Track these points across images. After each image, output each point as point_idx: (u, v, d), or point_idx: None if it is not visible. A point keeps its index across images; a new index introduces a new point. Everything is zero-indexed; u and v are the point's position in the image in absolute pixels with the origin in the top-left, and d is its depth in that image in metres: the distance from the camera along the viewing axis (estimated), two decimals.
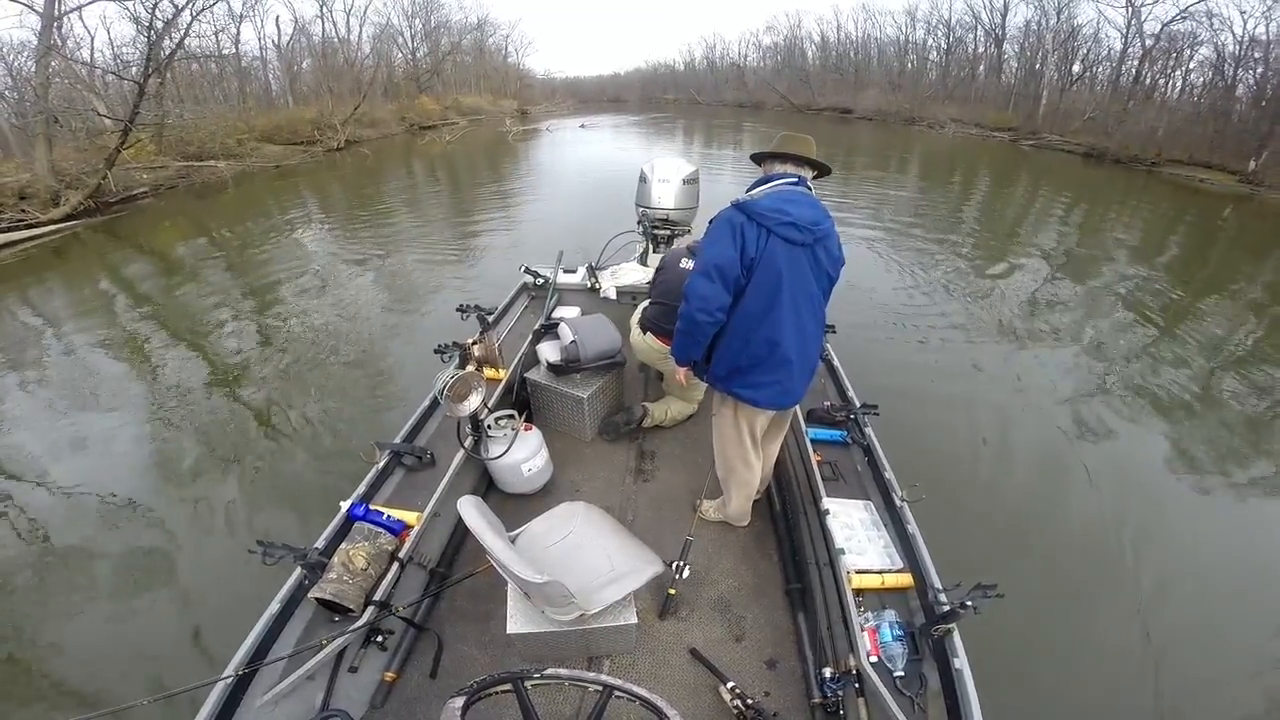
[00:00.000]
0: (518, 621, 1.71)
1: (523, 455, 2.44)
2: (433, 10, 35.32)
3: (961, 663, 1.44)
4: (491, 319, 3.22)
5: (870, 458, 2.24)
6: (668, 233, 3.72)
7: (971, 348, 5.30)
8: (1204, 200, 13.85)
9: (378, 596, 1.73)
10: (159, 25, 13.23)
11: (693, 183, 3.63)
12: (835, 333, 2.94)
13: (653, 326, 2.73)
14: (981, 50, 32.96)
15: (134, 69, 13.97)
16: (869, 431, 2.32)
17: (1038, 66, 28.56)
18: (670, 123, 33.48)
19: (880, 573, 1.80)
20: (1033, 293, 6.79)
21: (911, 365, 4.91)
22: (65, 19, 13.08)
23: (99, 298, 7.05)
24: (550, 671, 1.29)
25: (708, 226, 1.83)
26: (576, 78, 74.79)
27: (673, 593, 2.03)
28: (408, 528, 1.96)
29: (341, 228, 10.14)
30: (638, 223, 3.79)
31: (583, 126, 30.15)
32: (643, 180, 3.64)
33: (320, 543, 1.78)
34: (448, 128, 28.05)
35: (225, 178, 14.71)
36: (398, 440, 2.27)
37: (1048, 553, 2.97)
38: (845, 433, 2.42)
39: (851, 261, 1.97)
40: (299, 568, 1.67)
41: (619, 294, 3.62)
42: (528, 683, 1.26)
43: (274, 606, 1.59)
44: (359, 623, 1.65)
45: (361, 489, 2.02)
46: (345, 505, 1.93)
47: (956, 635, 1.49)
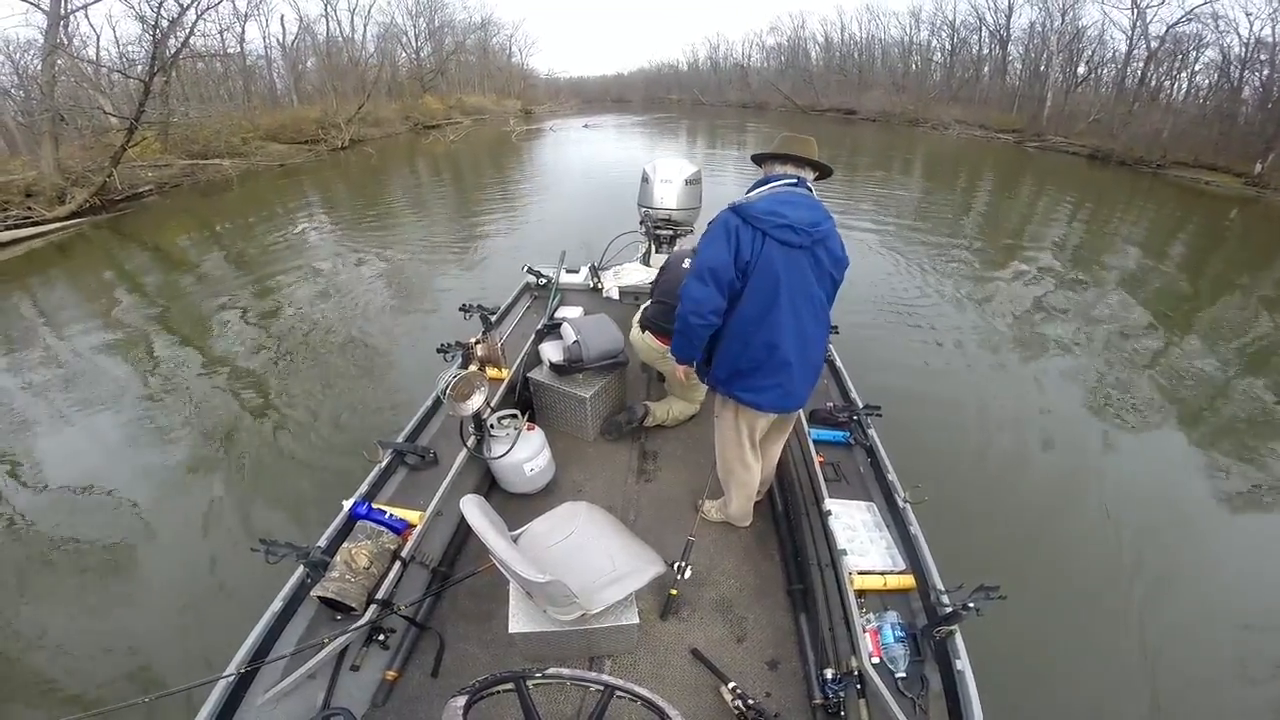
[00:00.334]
0: (519, 621, 1.72)
1: (525, 455, 2.45)
2: (437, 9, 35.50)
3: (963, 664, 1.43)
4: (494, 319, 3.23)
5: (873, 459, 2.24)
6: (670, 233, 3.72)
7: (975, 349, 5.29)
8: (1209, 203, 13.78)
9: (380, 595, 1.73)
10: (164, 24, 13.31)
11: (695, 183, 3.63)
12: (838, 333, 2.94)
13: (652, 325, 2.74)
14: (986, 51, 32.90)
15: (139, 67, 14.03)
16: (872, 433, 2.32)
17: (1042, 68, 28.45)
18: (674, 123, 33.46)
19: (882, 574, 1.79)
20: (1036, 295, 6.76)
21: (915, 366, 4.90)
22: (71, 18, 13.12)
23: (104, 295, 7.07)
24: (552, 671, 1.29)
25: (705, 229, 1.84)
26: (580, 78, 75.08)
27: (674, 593, 2.03)
28: (410, 527, 1.97)
29: (345, 227, 10.16)
30: (640, 223, 3.80)
31: (586, 126, 30.16)
32: (645, 180, 3.64)
33: (323, 541, 1.79)
34: (452, 127, 28.10)
35: (230, 176, 14.76)
36: (400, 439, 2.28)
37: (1050, 554, 2.97)
38: (848, 433, 2.41)
39: (855, 262, 1.97)
40: (301, 566, 1.67)
41: (621, 294, 3.62)
42: (529, 682, 1.26)
43: (276, 605, 1.60)
44: (361, 621, 1.65)
45: (364, 488, 2.02)
46: (348, 504, 1.94)
47: (959, 636, 1.49)
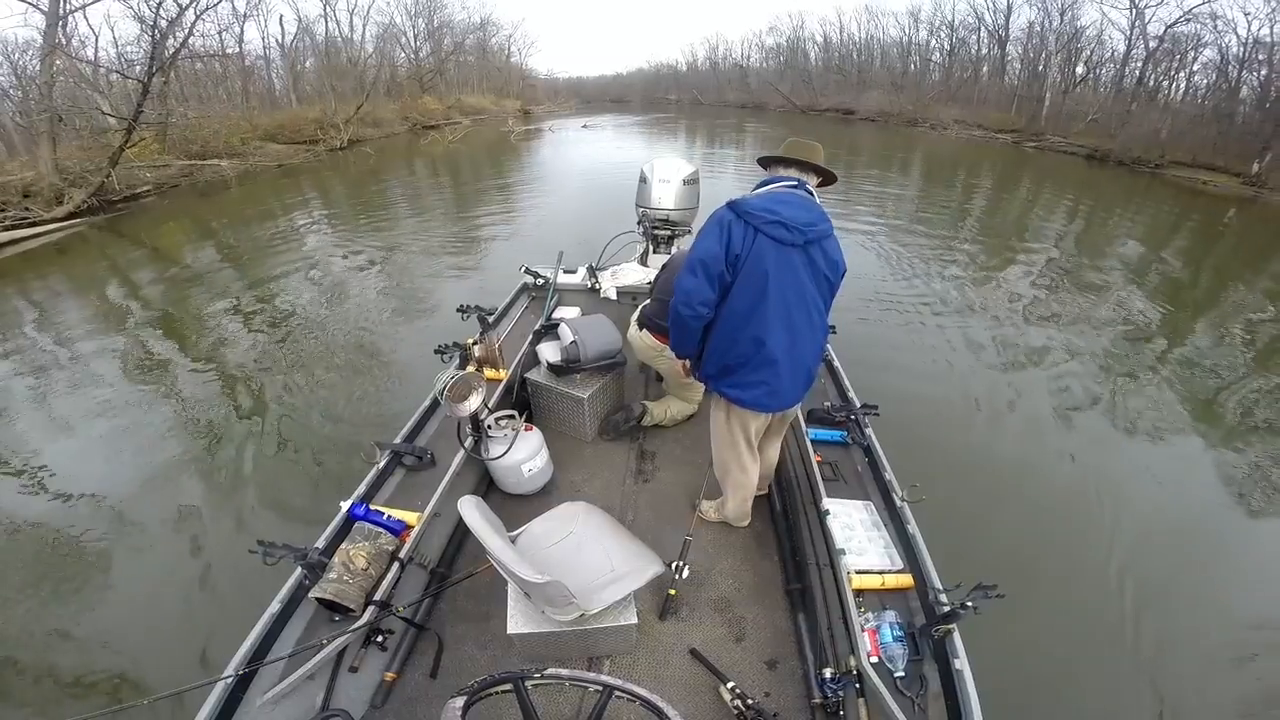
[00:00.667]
0: (518, 621, 1.72)
1: (523, 455, 2.45)
2: (436, 10, 35.45)
3: (962, 663, 1.43)
4: (492, 319, 3.22)
5: (870, 458, 2.24)
6: (668, 233, 3.72)
7: (973, 349, 5.29)
8: (1207, 202, 13.81)
9: (378, 596, 1.73)
10: (163, 24, 13.28)
11: (693, 183, 3.63)
12: (835, 333, 2.94)
13: (649, 323, 2.74)
14: (985, 52, 32.98)
15: (138, 68, 14.00)
16: (869, 432, 2.32)
17: (1041, 68, 28.52)
18: (673, 123, 33.47)
19: (880, 573, 1.79)
20: (1035, 295, 6.77)
21: (912, 366, 4.90)
22: (70, 18, 13.10)
23: (101, 296, 7.06)
24: (551, 671, 1.29)
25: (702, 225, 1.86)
26: (579, 78, 75.03)
27: (673, 593, 2.03)
28: (408, 528, 1.96)
29: (343, 227, 10.15)
30: (638, 223, 3.80)
31: (585, 127, 30.16)
32: (643, 181, 3.64)
33: (321, 543, 1.78)
34: (450, 127, 28.06)
35: (228, 176, 14.73)
36: (398, 440, 2.27)
37: (1050, 553, 2.97)
38: (845, 433, 2.41)
39: (853, 261, 1.97)
40: (299, 568, 1.67)
41: (619, 294, 3.61)
42: (528, 683, 1.26)
43: (274, 606, 1.59)
44: (359, 622, 1.65)
45: (362, 489, 2.02)
46: (345, 505, 1.93)
47: (957, 636, 1.49)
